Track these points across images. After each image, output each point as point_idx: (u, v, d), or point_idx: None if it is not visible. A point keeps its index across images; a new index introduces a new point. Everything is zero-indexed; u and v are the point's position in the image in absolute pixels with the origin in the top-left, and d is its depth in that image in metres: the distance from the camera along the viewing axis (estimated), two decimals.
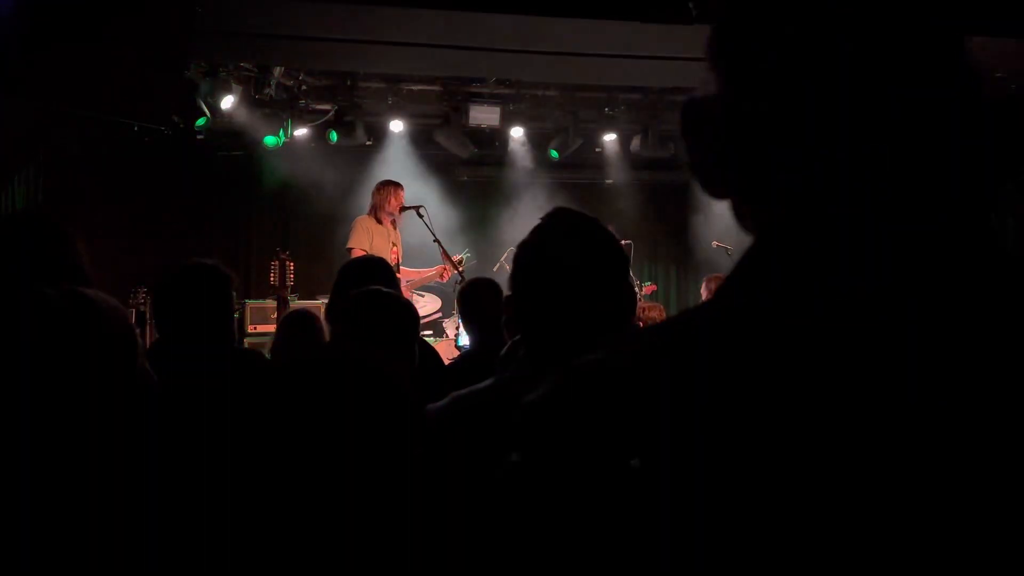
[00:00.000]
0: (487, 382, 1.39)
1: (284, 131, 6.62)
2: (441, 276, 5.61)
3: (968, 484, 0.46)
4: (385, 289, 2.30)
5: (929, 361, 0.48)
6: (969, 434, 0.47)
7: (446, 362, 3.40)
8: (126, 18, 4.38)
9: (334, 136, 6.79)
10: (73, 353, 1.09)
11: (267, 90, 6.27)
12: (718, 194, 0.63)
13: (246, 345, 5.85)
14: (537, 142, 7.68)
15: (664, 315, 5.59)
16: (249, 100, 6.25)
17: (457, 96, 6.75)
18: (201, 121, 6.15)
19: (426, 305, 6.15)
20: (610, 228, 1.48)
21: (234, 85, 6.07)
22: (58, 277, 1.53)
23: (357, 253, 5.37)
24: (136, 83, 5.13)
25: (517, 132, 7.43)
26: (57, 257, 1.77)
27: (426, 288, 6.13)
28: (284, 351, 3.33)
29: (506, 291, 2.79)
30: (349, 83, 6.58)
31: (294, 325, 3.51)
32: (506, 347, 2.24)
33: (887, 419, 0.47)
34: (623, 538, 0.47)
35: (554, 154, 7.62)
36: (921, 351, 0.48)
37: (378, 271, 2.77)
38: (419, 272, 5.83)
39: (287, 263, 5.66)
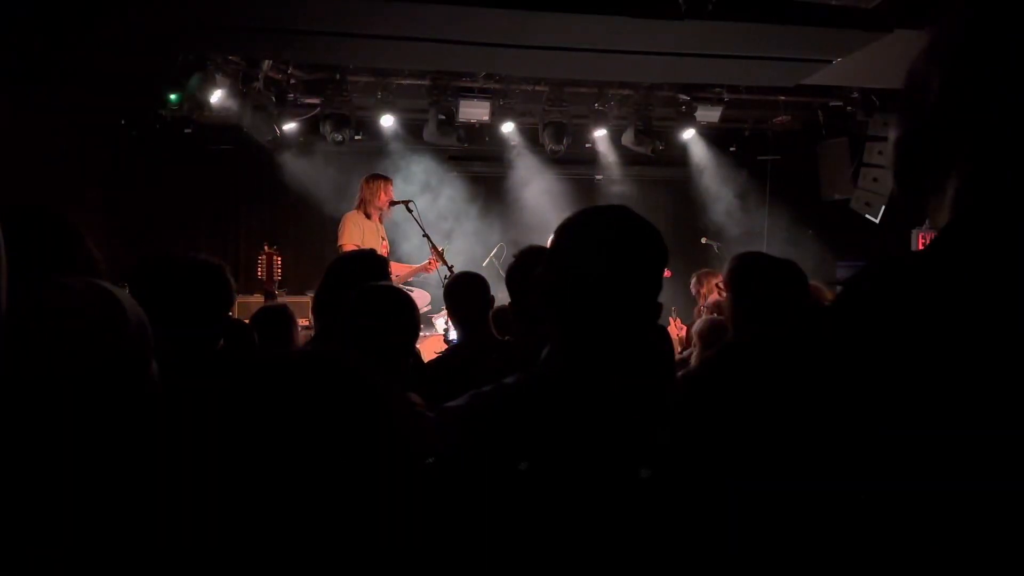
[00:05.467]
0: (512, 379, 1.29)
1: (274, 126, 6.58)
2: (427, 269, 5.59)
3: None
4: (395, 285, 2.31)
5: None
6: None
7: (435, 355, 3.39)
8: (112, 10, 4.34)
9: (337, 137, 6.74)
10: (99, 344, 1.07)
11: (255, 84, 6.23)
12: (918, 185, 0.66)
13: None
14: (527, 137, 7.67)
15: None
16: (237, 94, 6.21)
17: (447, 91, 6.72)
18: (174, 97, 5.84)
19: (416, 300, 6.12)
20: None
21: (221, 79, 6.02)
22: (74, 270, 1.51)
23: (349, 250, 5.35)
24: (122, 76, 5.09)
25: (507, 127, 7.42)
26: (71, 251, 1.75)
27: (415, 283, 6.12)
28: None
29: (502, 289, 2.79)
30: (338, 77, 6.55)
31: (266, 322, 3.49)
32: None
33: None
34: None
35: (553, 149, 7.65)
36: None
37: (375, 267, 2.73)
38: (407, 267, 5.81)
39: (274, 258, 5.64)
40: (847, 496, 0.49)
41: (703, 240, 7.35)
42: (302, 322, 4.04)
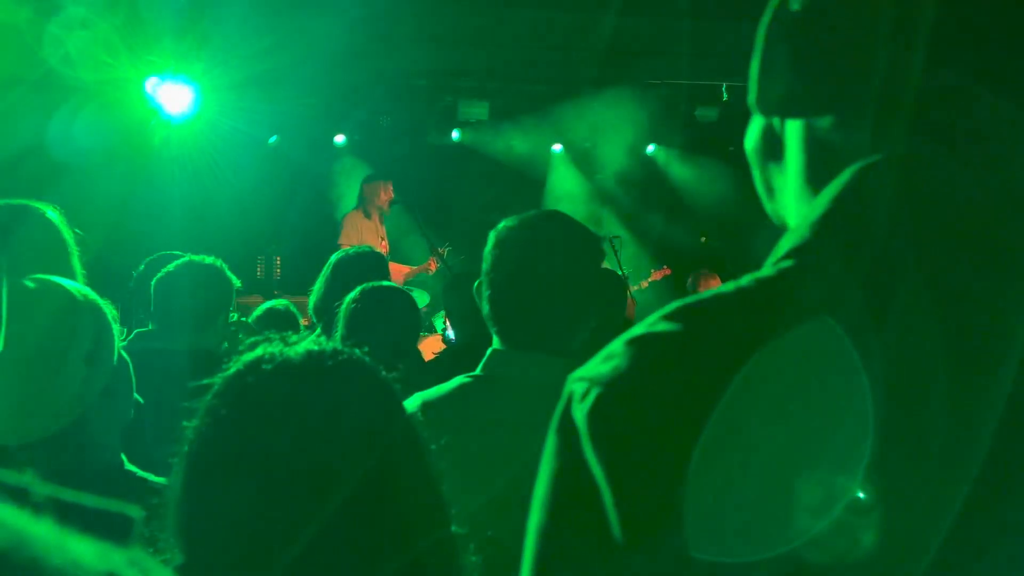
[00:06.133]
0: (456, 383, 1.35)
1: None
2: (427, 269, 5.60)
3: None
4: (395, 285, 2.31)
5: None
6: None
7: (434, 355, 3.39)
8: None
9: (344, 141, 6.77)
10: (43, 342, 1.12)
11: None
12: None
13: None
14: (526, 137, 7.66)
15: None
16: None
17: (446, 90, 6.71)
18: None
19: (416, 300, 6.10)
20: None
21: None
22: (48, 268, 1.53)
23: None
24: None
25: (507, 128, 7.40)
26: (46, 249, 1.75)
27: (414, 283, 6.11)
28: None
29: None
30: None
31: (267, 322, 3.49)
32: None
33: None
34: None
35: (558, 151, 7.68)
36: None
37: (374, 266, 2.72)
38: (407, 267, 5.81)
39: (273, 258, 5.64)
40: None
41: (703, 239, 7.35)
42: (302, 322, 4.04)
